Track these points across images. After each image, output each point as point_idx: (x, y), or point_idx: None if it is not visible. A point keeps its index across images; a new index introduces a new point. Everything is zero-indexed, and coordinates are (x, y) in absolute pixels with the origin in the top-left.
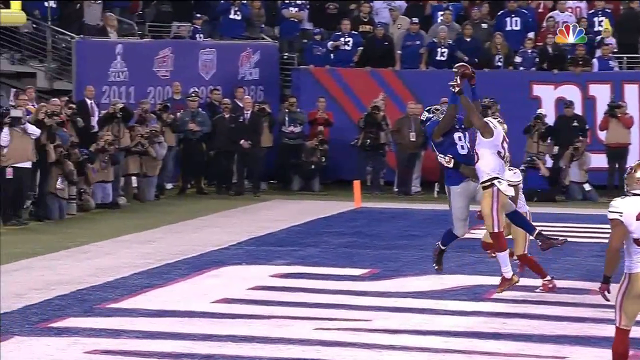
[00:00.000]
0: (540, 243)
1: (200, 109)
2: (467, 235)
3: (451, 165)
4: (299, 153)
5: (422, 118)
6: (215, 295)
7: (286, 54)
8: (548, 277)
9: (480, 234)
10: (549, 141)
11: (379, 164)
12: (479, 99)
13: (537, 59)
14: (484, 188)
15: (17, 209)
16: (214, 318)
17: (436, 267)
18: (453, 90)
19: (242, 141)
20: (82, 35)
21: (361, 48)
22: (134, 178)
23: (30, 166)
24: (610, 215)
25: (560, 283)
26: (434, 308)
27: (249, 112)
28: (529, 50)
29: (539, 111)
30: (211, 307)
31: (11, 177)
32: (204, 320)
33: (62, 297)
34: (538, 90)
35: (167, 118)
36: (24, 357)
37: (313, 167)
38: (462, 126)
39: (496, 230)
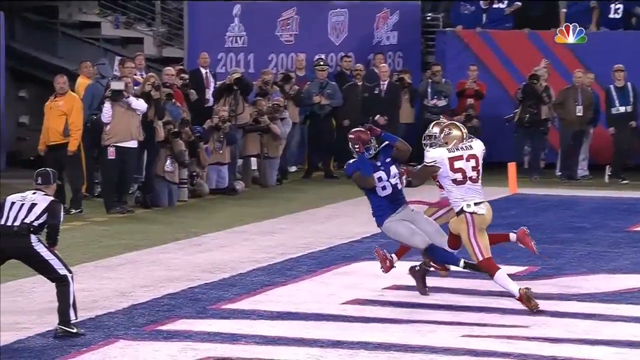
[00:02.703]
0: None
1: (328, 80)
2: None
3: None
4: None
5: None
6: (345, 296)
7: (429, 14)
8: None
9: None
10: None
11: (539, 143)
12: (395, 140)
13: None
14: (457, 215)
15: (121, 195)
16: (345, 322)
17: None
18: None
19: (377, 116)
20: None
21: (518, 3)
22: (253, 159)
23: (135, 146)
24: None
25: None
26: (603, 313)
27: (386, 82)
28: None
29: None
30: (341, 309)
31: (113, 157)
32: (332, 324)
33: (172, 296)
34: None
35: (291, 90)
36: None
37: None
38: (387, 162)
39: (480, 258)
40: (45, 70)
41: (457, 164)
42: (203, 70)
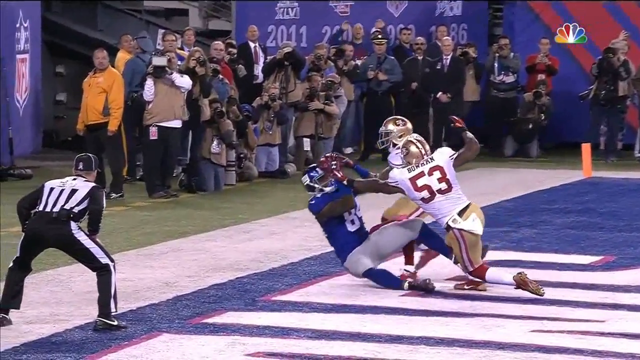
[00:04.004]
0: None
1: (387, 54)
2: None
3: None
4: (513, 109)
5: (303, 181)
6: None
7: None
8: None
9: None
10: None
11: (615, 122)
12: (366, 174)
13: None
14: (447, 231)
15: (164, 178)
16: (404, 315)
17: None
18: (343, 183)
19: (439, 94)
20: None
21: None
22: (306, 140)
23: (179, 126)
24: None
25: None
26: None
27: (449, 56)
28: None
29: None
30: (400, 301)
31: (156, 138)
32: (391, 317)
33: (218, 286)
34: None
35: (347, 66)
36: (174, 359)
37: (530, 126)
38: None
39: (470, 269)
40: (83, 44)
41: (420, 182)
42: (252, 44)
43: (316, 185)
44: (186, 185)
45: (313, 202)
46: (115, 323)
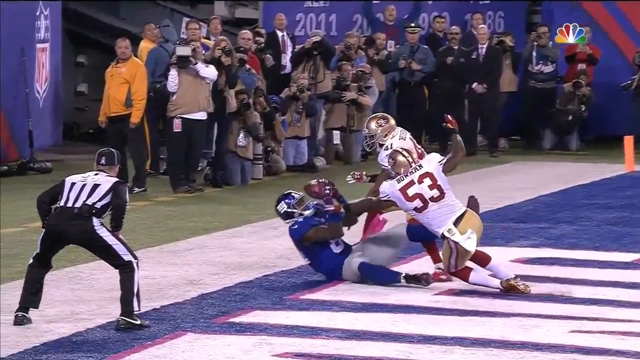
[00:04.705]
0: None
1: (420, 43)
2: None
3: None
4: (552, 100)
5: (279, 210)
6: (438, 285)
7: None
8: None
9: None
10: None
11: None
12: (346, 204)
13: None
14: (443, 239)
15: (188, 172)
16: (438, 315)
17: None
18: (337, 213)
19: (474, 84)
20: None
21: None
22: (336, 133)
23: (204, 118)
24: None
25: None
26: None
27: (485, 45)
28: None
29: None
30: (434, 300)
31: (180, 130)
32: (424, 317)
33: (245, 284)
34: None
35: (378, 55)
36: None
37: (570, 118)
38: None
39: (453, 270)
40: (106, 33)
41: (411, 191)
42: (279, 33)
43: (295, 210)
44: (211, 179)
45: (295, 226)
46: (138, 322)
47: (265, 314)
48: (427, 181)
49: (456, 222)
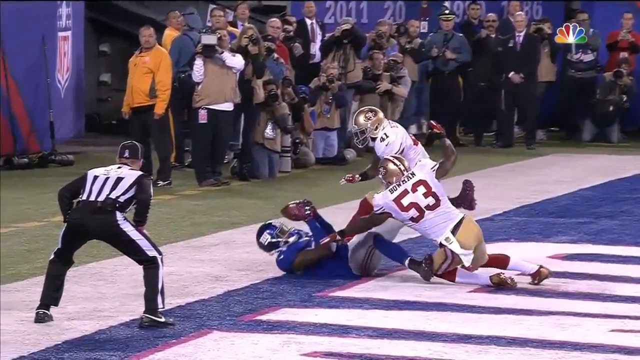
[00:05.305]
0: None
1: (454, 31)
2: None
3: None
4: (592, 90)
5: (262, 242)
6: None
7: None
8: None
9: None
10: None
11: None
12: (341, 231)
13: None
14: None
15: (214, 165)
16: (472, 312)
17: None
18: (335, 240)
19: (511, 73)
20: None
21: None
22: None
23: (230, 109)
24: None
25: None
26: None
27: (522, 33)
28: None
29: None
30: (468, 297)
31: (205, 122)
32: (458, 315)
33: (273, 281)
34: None
35: (409, 43)
36: (225, 359)
37: (611, 108)
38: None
39: (440, 273)
40: (129, 21)
41: (405, 201)
42: (308, 21)
43: (280, 240)
44: (238, 172)
45: (281, 257)
46: (163, 320)
47: (294, 311)
48: (422, 189)
49: (454, 230)
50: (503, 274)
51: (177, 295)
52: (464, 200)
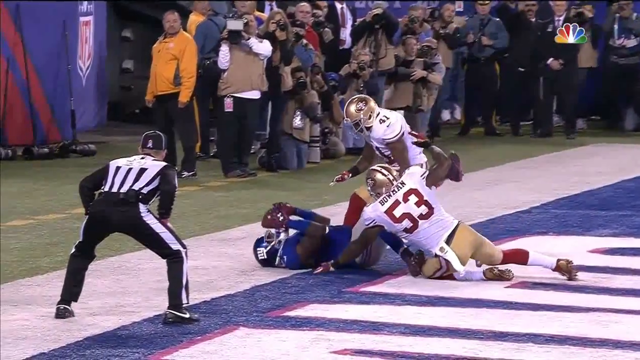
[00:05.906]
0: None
1: (491, 16)
2: None
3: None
4: (635, 77)
5: (261, 258)
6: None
7: None
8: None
9: None
10: None
11: None
12: (309, 215)
13: None
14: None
15: (241, 155)
16: (510, 309)
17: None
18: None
19: (550, 60)
20: None
21: None
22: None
23: (257, 97)
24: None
25: None
26: None
27: (561, 18)
28: None
29: None
30: (506, 293)
31: (231, 110)
32: (494, 312)
33: (301, 276)
34: None
35: (444, 28)
36: (252, 356)
37: None
38: None
39: (427, 276)
40: (153, 5)
41: (398, 212)
42: (338, 6)
43: (272, 244)
44: (265, 163)
45: (285, 258)
46: (187, 316)
47: (323, 307)
48: (413, 198)
49: (449, 239)
50: (497, 268)
51: (202, 290)
52: (451, 172)
